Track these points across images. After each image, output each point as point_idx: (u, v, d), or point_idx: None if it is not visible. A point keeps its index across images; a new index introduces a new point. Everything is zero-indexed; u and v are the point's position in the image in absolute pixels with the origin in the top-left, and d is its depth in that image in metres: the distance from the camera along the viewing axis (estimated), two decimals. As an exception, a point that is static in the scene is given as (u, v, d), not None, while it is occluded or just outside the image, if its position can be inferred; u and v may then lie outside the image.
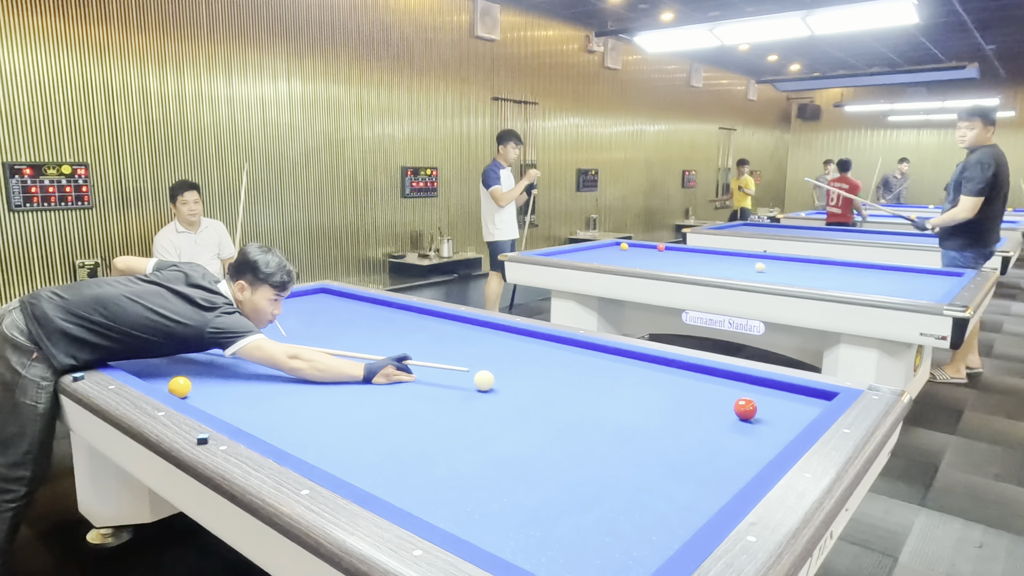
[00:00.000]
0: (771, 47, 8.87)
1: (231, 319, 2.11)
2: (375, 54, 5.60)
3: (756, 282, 3.69)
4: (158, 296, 2.07)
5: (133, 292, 2.07)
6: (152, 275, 2.21)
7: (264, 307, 2.24)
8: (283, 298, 2.31)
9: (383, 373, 2.06)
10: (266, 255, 2.24)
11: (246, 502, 1.28)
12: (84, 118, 4.07)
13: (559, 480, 1.41)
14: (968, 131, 4.24)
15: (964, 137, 4.26)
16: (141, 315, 2.02)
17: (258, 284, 2.22)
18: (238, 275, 2.24)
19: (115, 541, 2.47)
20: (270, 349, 2.07)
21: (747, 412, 1.74)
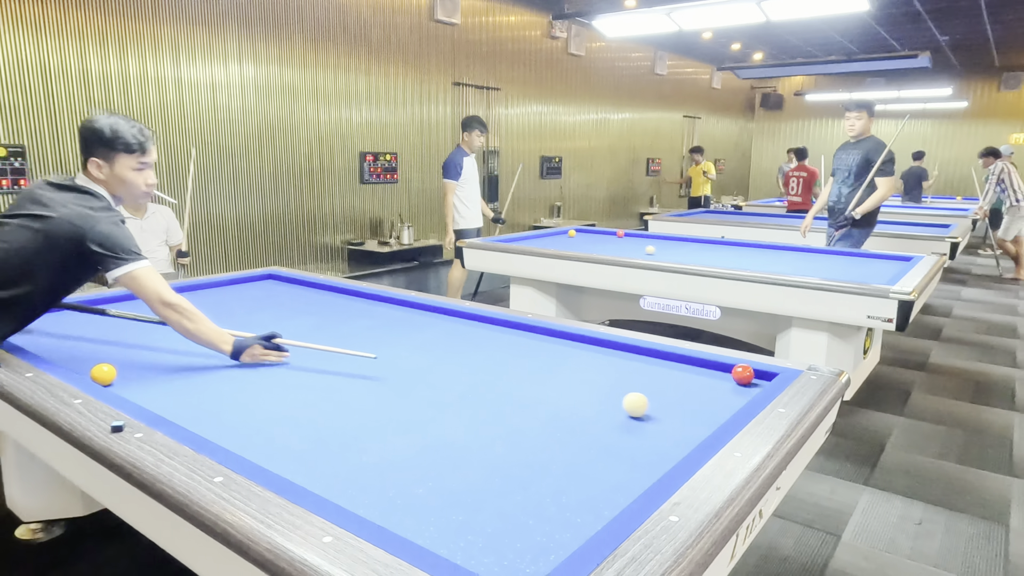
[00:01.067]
0: (733, 34, 8.92)
1: (118, 231, 1.90)
2: (331, 37, 5.48)
3: (712, 267, 3.71)
4: (22, 209, 1.90)
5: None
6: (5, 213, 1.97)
7: (132, 178, 2.01)
8: (149, 164, 2.07)
9: (249, 353, 1.96)
10: (109, 118, 1.99)
11: (155, 490, 1.22)
12: (20, 99, 3.89)
13: (490, 464, 1.38)
14: (857, 121, 4.67)
15: (854, 127, 4.69)
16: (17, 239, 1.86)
17: (113, 154, 1.98)
18: (88, 153, 1.98)
19: (46, 536, 2.37)
20: (155, 284, 1.90)
21: (744, 378, 1.85)
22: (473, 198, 5.45)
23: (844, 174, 4.75)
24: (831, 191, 4.89)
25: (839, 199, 4.78)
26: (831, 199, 4.88)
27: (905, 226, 6.11)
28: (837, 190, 4.80)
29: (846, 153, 4.78)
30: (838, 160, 4.84)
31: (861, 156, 4.63)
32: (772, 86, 13.48)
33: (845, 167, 4.74)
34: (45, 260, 1.92)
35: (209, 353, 2.06)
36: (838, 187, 4.79)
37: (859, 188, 4.61)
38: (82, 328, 2.40)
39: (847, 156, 4.75)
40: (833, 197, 4.85)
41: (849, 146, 4.79)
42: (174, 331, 1.98)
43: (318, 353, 2.09)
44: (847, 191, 4.71)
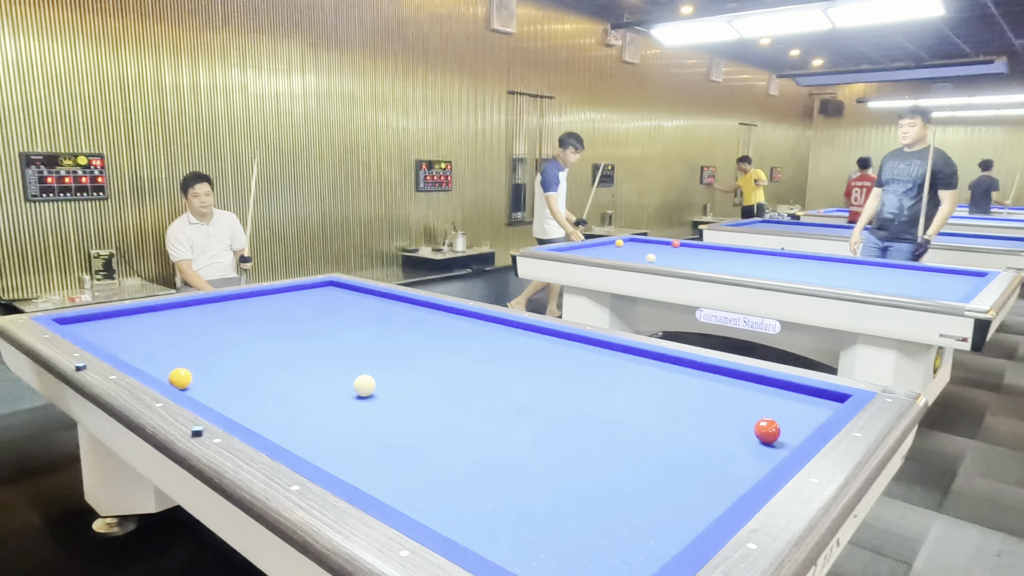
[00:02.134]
0: (793, 41, 8.73)
1: None
2: (390, 47, 5.58)
3: (772, 280, 3.62)
4: None
5: None
6: None
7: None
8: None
9: None
10: None
11: (236, 496, 1.26)
12: (100, 109, 4.09)
13: (556, 480, 1.38)
14: (911, 128, 4.48)
15: (907, 134, 4.50)
16: None
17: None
18: None
19: (120, 531, 2.48)
20: None
21: (768, 435, 1.55)
22: (562, 209, 5.64)
23: (905, 185, 4.53)
24: (889, 203, 4.65)
25: (900, 212, 4.58)
26: (890, 211, 4.65)
27: (977, 239, 5.85)
28: (898, 202, 4.58)
29: (904, 163, 4.56)
30: (893, 170, 4.62)
31: (925, 168, 4.41)
32: (832, 92, 13.12)
33: (907, 178, 4.53)
34: None
35: (278, 361, 2.12)
36: (898, 199, 4.58)
37: (921, 202, 4.42)
38: (159, 332, 2.49)
39: (906, 166, 4.54)
40: (892, 209, 4.62)
41: (905, 155, 4.58)
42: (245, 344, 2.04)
43: (380, 364, 2.12)
44: (910, 204, 4.50)
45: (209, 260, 4.24)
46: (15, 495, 2.79)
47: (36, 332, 2.27)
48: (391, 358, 2.21)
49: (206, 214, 4.18)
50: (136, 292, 4.04)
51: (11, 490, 2.83)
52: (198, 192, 4.09)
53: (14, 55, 3.74)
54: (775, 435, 1.55)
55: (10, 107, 3.76)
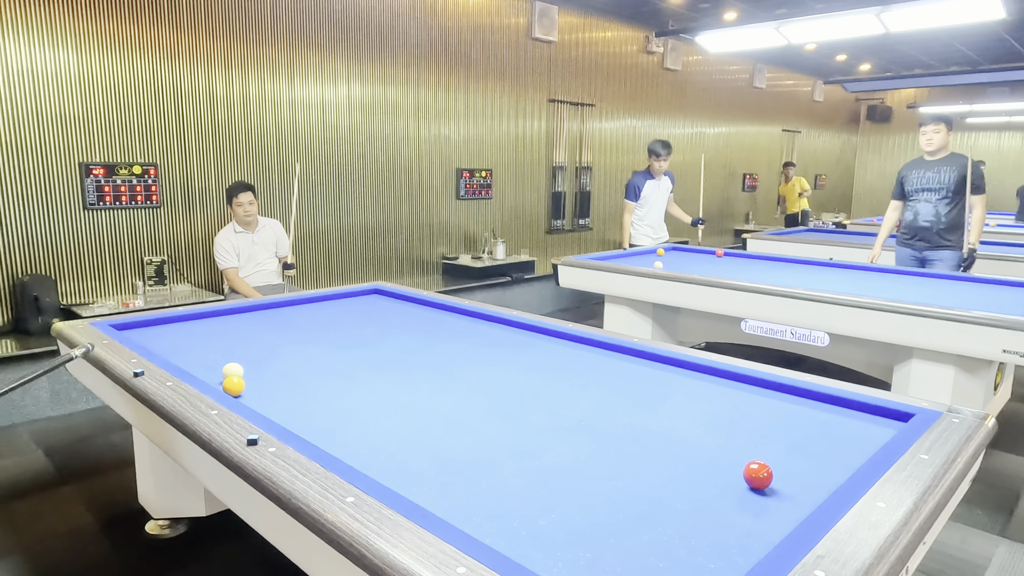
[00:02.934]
0: (840, 46, 8.53)
1: None
2: (433, 57, 5.64)
3: (822, 291, 3.53)
4: None
5: None
6: None
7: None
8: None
9: None
10: None
11: (292, 506, 1.27)
12: (154, 120, 4.22)
13: (611, 498, 1.35)
14: (935, 135, 4.45)
15: (932, 141, 4.47)
16: None
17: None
18: None
19: (171, 533, 2.53)
20: None
21: (758, 480, 1.37)
22: (650, 219, 5.65)
23: (938, 193, 4.50)
24: (924, 211, 4.57)
25: (938, 219, 4.52)
26: (926, 219, 4.56)
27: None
28: (934, 210, 4.53)
29: (932, 171, 4.53)
30: (919, 179, 4.58)
31: (957, 173, 4.40)
32: (880, 98, 12.78)
33: (938, 185, 4.50)
34: None
35: (326, 369, 2.14)
36: (933, 207, 4.52)
37: (957, 208, 4.40)
38: (210, 338, 2.55)
39: (935, 174, 4.51)
40: (929, 217, 4.55)
41: (930, 163, 4.55)
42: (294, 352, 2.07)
43: (427, 374, 2.13)
44: (947, 211, 4.48)
45: (255, 268, 4.32)
46: (72, 495, 2.88)
47: (95, 337, 2.34)
48: (438, 367, 2.21)
49: (250, 223, 4.26)
50: (186, 298, 4.15)
51: (69, 490, 2.92)
52: (242, 201, 4.17)
53: (76, 68, 3.88)
54: (767, 480, 1.37)
55: (72, 119, 3.91)
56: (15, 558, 2.41)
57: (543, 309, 6.78)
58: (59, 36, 3.81)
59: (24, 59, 3.72)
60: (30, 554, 2.43)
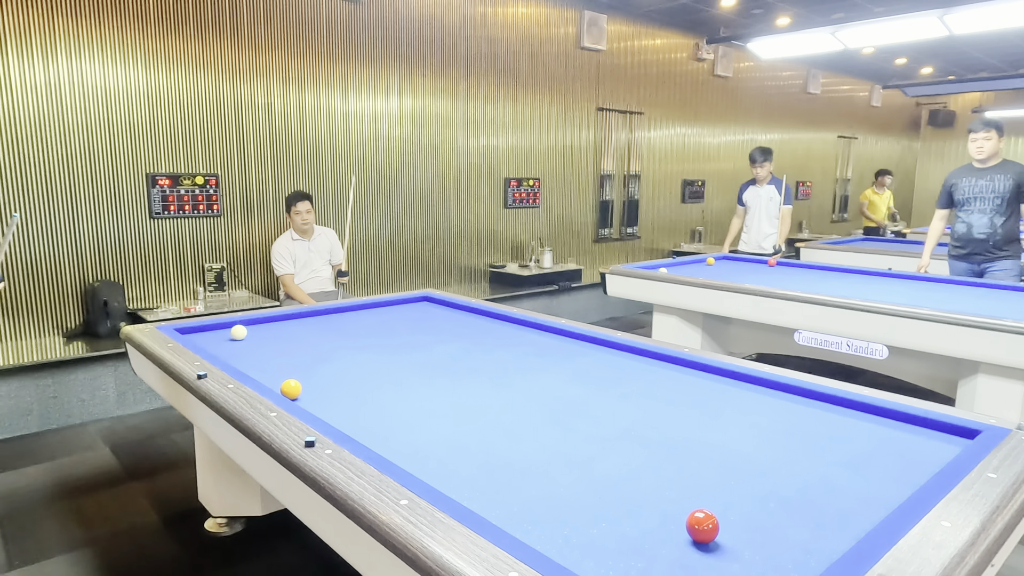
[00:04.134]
0: (900, 49, 8.27)
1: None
2: (482, 68, 5.71)
3: (881, 302, 3.42)
4: None
5: None
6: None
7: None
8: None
9: None
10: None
11: (348, 507, 1.30)
12: (216, 133, 4.39)
13: (661, 508, 1.35)
14: (986, 142, 4.29)
15: (983, 148, 4.30)
16: None
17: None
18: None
19: (229, 531, 2.62)
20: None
21: (703, 531, 1.19)
22: (751, 226, 5.69)
23: (992, 203, 4.32)
24: (978, 223, 4.39)
25: (993, 230, 4.33)
26: (981, 231, 4.37)
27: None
28: (988, 221, 4.34)
29: (984, 179, 4.35)
30: (971, 188, 4.40)
31: (1013, 181, 4.23)
32: (942, 102, 12.32)
33: (991, 194, 4.32)
34: None
35: (379, 374, 2.19)
36: (988, 218, 4.34)
37: (1013, 217, 4.26)
38: (268, 343, 2.63)
39: (988, 182, 4.33)
40: (984, 229, 4.36)
41: (981, 171, 4.37)
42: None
43: (477, 380, 2.15)
44: (1002, 220, 4.29)
45: (310, 275, 4.44)
46: (136, 491, 3.00)
47: (161, 341, 2.45)
48: (488, 374, 2.24)
49: (307, 231, 4.39)
50: (244, 303, 4.29)
51: (133, 487, 3.05)
52: (300, 210, 4.31)
53: (145, 85, 4.08)
54: (710, 533, 1.19)
55: (140, 132, 4.10)
56: (83, 551, 2.53)
57: (590, 318, 6.76)
58: (130, 55, 4.01)
59: (98, 76, 3.92)
60: (97, 549, 2.55)
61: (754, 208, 5.68)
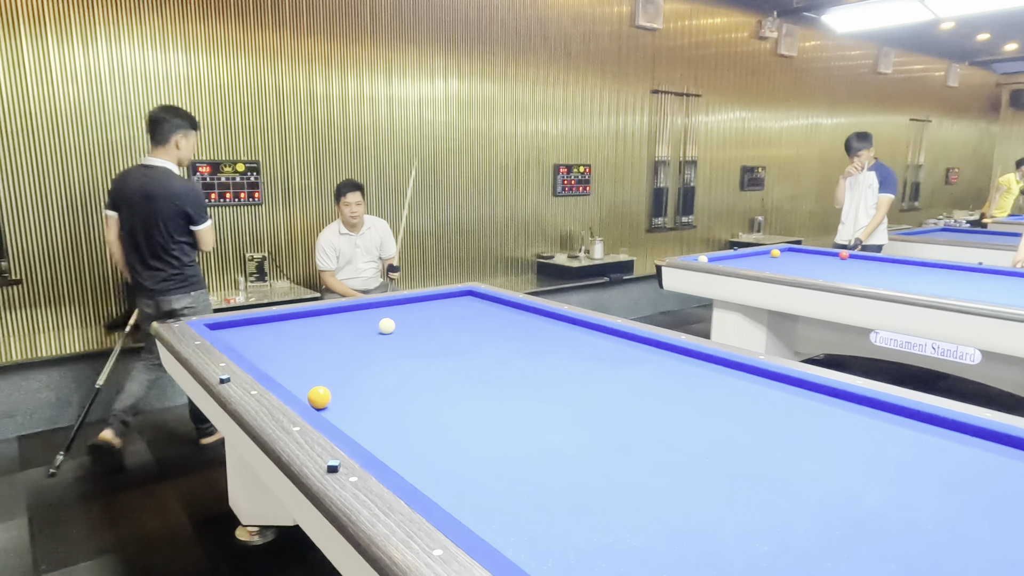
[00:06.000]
0: (982, 23, 7.61)
1: None
2: (531, 49, 5.44)
3: (974, 301, 3.05)
4: None
5: None
6: None
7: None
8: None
9: None
10: None
11: (371, 554, 1.09)
12: (257, 120, 4.26)
13: (754, 566, 1.09)
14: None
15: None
16: None
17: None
18: None
19: (260, 540, 2.47)
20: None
21: None
22: (848, 216, 5.26)
23: None
24: None
25: None
26: None
27: None
28: None
29: None
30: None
31: None
32: (1026, 81, 11.42)
33: None
34: None
35: (417, 381, 1.98)
36: None
37: None
38: (302, 341, 2.46)
39: None
40: None
41: None
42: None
43: (525, 391, 1.92)
44: None
45: (352, 272, 4.27)
46: (168, 492, 2.89)
47: (189, 338, 2.30)
48: (537, 383, 2.00)
49: (356, 224, 4.20)
50: (284, 295, 4.16)
51: (165, 487, 2.94)
52: (349, 201, 4.09)
53: (185, 70, 3.96)
54: None
55: (180, 118, 3.99)
56: (109, 557, 2.41)
57: (642, 312, 6.45)
58: (170, 39, 3.90)
59: (137, 61, 3.82)
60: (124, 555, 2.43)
61: (850, 195, 5.20)
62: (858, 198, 5.15)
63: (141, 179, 3.08)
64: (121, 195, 3.12)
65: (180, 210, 3.07)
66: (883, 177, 5.05)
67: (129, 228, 3.11)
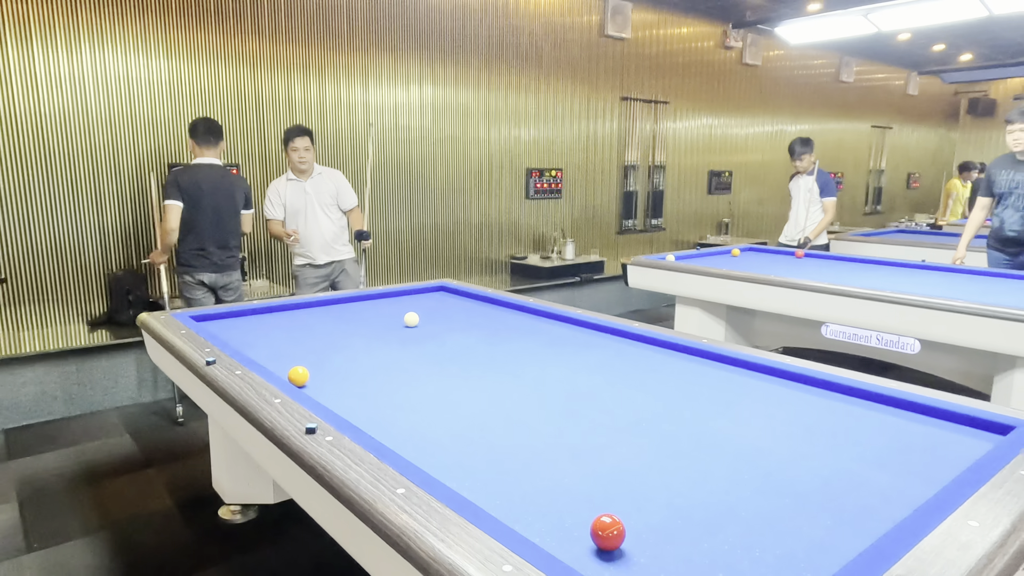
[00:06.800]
0: (937, 34, 7.99)
1: None
2: (505, 57, 5.65)
3: (914, 294, 3.30)
4: None
5: None
6: None
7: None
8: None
9: None
10: None
11: (343, 495, 1.27)
12: (236, 124, 4.40)
13: (669, 502, 1.29)
14: (1022, 134, 4.08)
15: (1018, 140, 4.09)
16: None
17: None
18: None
19: (242, 518, 2.62)
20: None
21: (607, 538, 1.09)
22: (792, 216, 5.58)
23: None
24: (1010, 219, 4.24)
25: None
26: (1012, 229, 4.23)
27: None
28: (1020, 219, 4.19)
29: (1021, 174, 4.16)
30: (1008, 181, 4.22)
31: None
32: (983, 90, 11.90)
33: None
34: None
35: (390, 363, 2.16)
36: (1021, 214, 4.18)
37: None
38: (282, 331, 2.62)
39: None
40: (1016, 227, 4.22)
41: (1021, 163, 4.17)
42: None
43: (488, 370, 2.11)
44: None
45: (311, 229, 3.94)
46: (153, 478, 3.03)
47: (174, 328, 2.45)
48: (500, 365, 2.19)
49: (305, 171, 3.93)
50: (263, 293, 4.31)
51: (150, 473, 3.08)
52: (297, 147, 3.87)
53: (167, 74, 4.11)
54: (614, 540, 1.09)
55: (161, 123, 4.13)
56: (99, 535, 2.55)
57: (612, 311, 6.67)
58: (152, 46, 4.04)
59: (120, 67, 3.96)
60: (113, 533, 2.57)
61: (793, 199, 5.54)
62: (800, 201, 5.45)
63: (210, 174, 3.69)
64: (194, 187, 3.62)
65: (242, 197, 3.81)
66: (824, 183, 5.37)
67: (205, 214, 3.64)
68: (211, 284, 3.77)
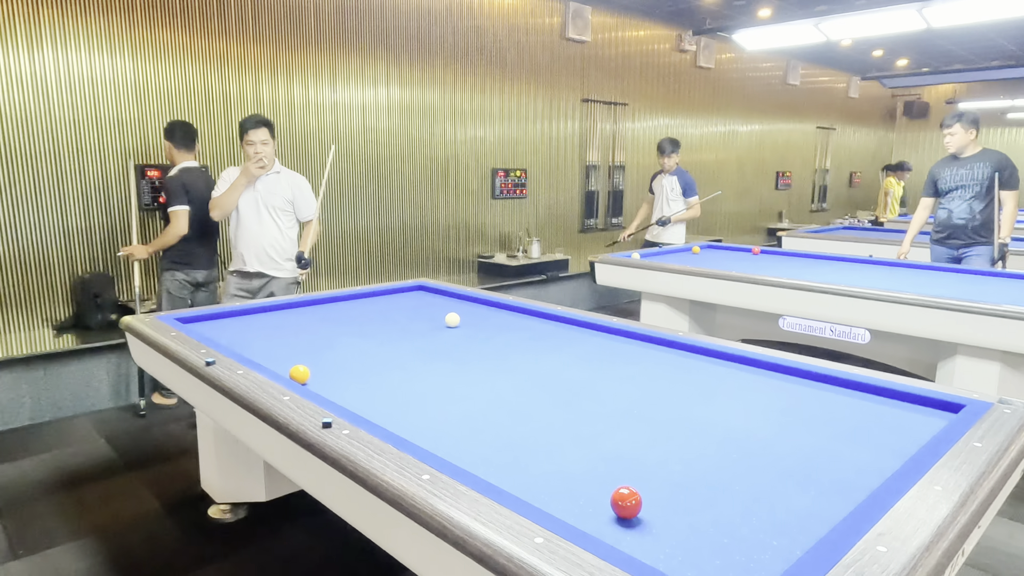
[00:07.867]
0: (877, 42, 8.42)
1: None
2: (469, 59, 5.73)
3: (863, 287, 3.53)
4: None
5: None
6: None
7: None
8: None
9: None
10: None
11: (371, 483, 1.35)
12: (204, 124, 4.37)
13: (670, 480, 1.41)
14: (951, 136, 4.58)
15: (949, 143, 4.59)
16: None
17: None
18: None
19: (232, 517, 2.65)
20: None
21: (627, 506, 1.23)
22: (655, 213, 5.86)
23: (972, 191, 4.57)
24: (958, 210, 4.64)
25: (972, 216, 4.59)
26: (960, 217, 4.63)
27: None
28: (968, 208, 4.59)
29: (965, 168, 4.60)
30: (953, 177, 4.66)
31: (991, 169, 4.47)
32: (917, 94, 12.56)
33: (972, 182, 4.57)
34: None
35: (383, 359, 2.23)
36: (968, 204, 4.59)
37: (991, 204, 4.47)
38: (270, 331, 2.65)
39: (968, 171, 4.58)
40: (963, 215, 4.62)
41: (962, 161, 4.62)
42: None
43: (480, 364, 2.20)
44: (980, 207, 4.54)
45: (239, 220, 3.52)
46: (136, 481, 3.02)
47: (163, 330, 2.46)
48: (490, 359, 2.29)
49: (262, 166, 3.44)
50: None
51: (132, 477, 3.06)
52: (253, 140, 3.38)
53: (132, 75, 4.05)
54: (633, 509, 1.23)
55: (128, 123, 4.07)
56: (87, 540, 2.54)
57: (578, 307, 6.82)
58: (116, 45, 3.98)
59: (84, 66, 3.89)
60: (101, 536, 2.57)
61: (657, 198, 5.81)
62: (662, 199, 5.74)
63: (198, 176, 3.83)
64: (196, 190, 3.75)
65: None
66: (686, 183, 5.68)
67: (199, 214, 3.72)
68: (203, 281, 3.94)
